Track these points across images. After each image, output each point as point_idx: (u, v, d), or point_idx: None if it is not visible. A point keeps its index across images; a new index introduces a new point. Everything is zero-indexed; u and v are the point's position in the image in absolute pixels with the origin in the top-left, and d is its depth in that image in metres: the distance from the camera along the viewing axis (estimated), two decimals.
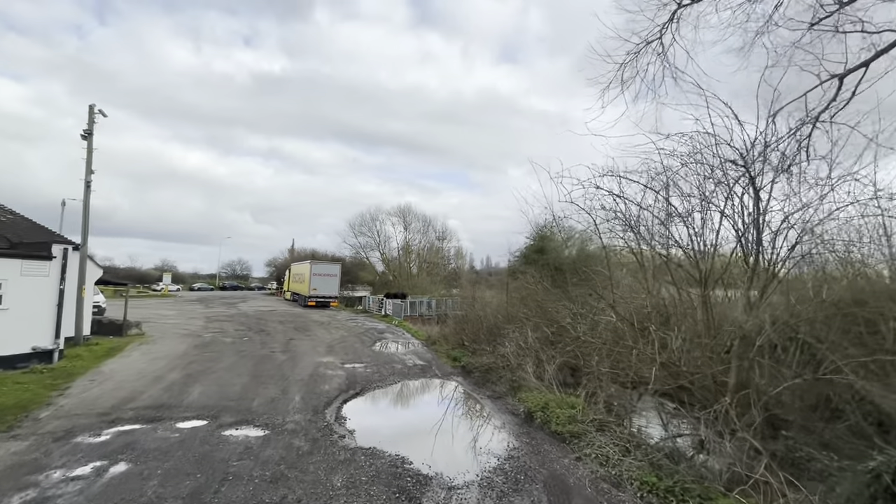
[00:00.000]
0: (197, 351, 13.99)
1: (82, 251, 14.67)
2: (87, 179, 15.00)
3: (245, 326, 21.17)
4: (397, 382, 10.86)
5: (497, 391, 9.65)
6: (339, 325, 23.30)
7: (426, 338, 18.50)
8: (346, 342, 17.09)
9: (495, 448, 6.63)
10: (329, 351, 14.83)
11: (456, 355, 13.61)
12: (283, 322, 23.74)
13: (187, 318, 24.13)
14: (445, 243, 63.79)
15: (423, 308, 31.32)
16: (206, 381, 10.05)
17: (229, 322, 23.04)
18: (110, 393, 8.96)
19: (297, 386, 9.90)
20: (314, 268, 36.07)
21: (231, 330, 19.70)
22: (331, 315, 29.80)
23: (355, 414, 8.27)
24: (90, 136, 15.06)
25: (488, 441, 6.98)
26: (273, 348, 14.92)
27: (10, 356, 11.00)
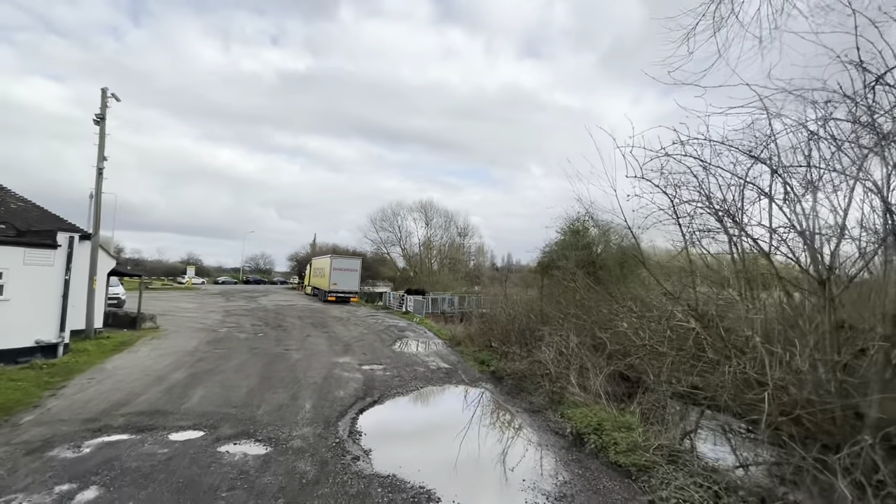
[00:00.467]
0: (208, 347, 13.21)
1: (94, 241, 14.09)
2: (100, 166, 14.40)
3: (262, 321, 20.48)
4: (420, 389, 9.73)
5: (535, 403, 8.39)
6: (359, 322, 22.40)
7: (450, 337, 17.35)
8: (364, 340, 16.10)
9: (542, 481, 5.40)
10: (346, 350, 13.84)
11: (484, 358, 12.40)
12: (301, 317, 23.01)
13: (206, 312, 23.68)
14: (467, 240, 62.53)
15: (444, 305, 30.21)
16: (211, 383, 9.14)
17: (247, 317, 22.44)
18: (106, 394, 8.13)
19: (309, 391, 8.89)
20: (334, 262, 35.41)
21: (247, 325, 19.01)
22: (350, 311, 29.02)
23: (372, 428, 7.17)
24: (102, 121, 14.45)
25: (532, 470, 5.75)
26: (288, 346, 14.03)
27: (12, 350, 10.38)
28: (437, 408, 8.83)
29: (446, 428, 7.42)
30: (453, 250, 61.68)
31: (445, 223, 60.52)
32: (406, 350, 14.68)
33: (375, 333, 18.32)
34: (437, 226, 60.31)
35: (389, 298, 34.72)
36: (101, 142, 14.43)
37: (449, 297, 31.19)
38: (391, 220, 60.36)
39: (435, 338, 17.98)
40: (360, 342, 15.63)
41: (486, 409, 8.65)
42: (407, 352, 14.29)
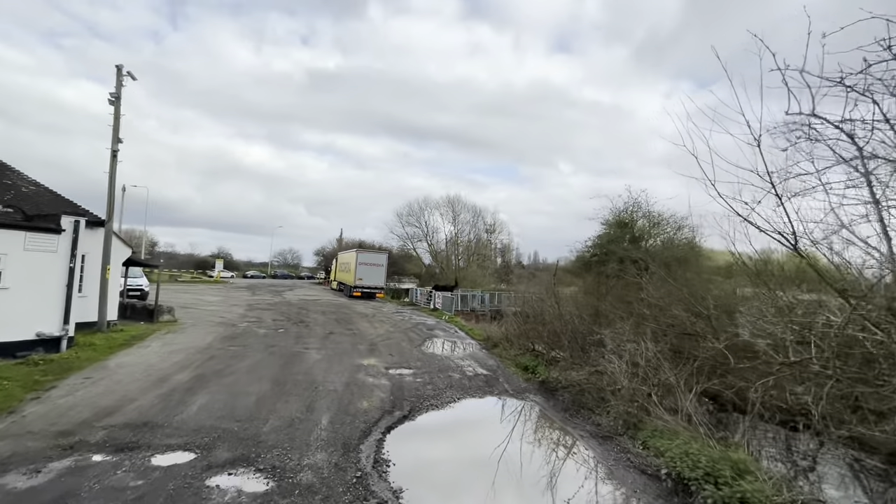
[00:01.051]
0: (222, 344, 12.11)
1: (107, 228, 13.25)
2: (114, 148, 13.55)
3: (284, 316, 19.47)
4: (457, 401, 8.22)
5: (603, 426, 6.74)
6: (385, 319, 21.12)
7: (484, 338, 15.79)
8: (391, 339, 14.74)
9: None
10: (371, 350, 12.49)
11: (527, 364, 10.78)
12: (324, 313, 21.93)
13: (229, 306, 22.94)
14: (494, 236, 60.61)
15: (475, 303, 28.64)
16: (217, 387, 7.91)
17: (269, 311, 21.53)
18: (95, 399, 6.99)
19: (328, 400, 7.52)
20: (360, 257, 34.37)
21: (269, 320, 18.00)
22: (376, 307, 27.85)
23: (403, 455, 5.70)
24: (117, 100, 13.59)
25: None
26: (308, 344, 12.80)
27: (10, 343, 9.48)
28: (482, 428, 7.29)
29: (496, 458, 5.88)
30: (480, 246, 59.96)
31: (473, 219, 58.85)
32: (437, 351, 13.21)
33: (403, 332, 16.95)
34: (464, 221, 58.72)
35: (416, 295, 33.43)
36: (115, 123, 13.57)
37: (479, 294, 29.59)
38: (418, 216, 59.14)
39: (467, 338, 16.45)
40: (387, 342, 14.27)
41: (543, 431, 7.07)
42: (438, 354, 12.81)
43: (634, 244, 18.64)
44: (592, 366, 8.31)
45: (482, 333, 17.13)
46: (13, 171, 12.68)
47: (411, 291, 36.02)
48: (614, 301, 10.91)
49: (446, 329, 18.85)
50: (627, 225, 18.79)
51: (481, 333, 17.17)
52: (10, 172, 12.56)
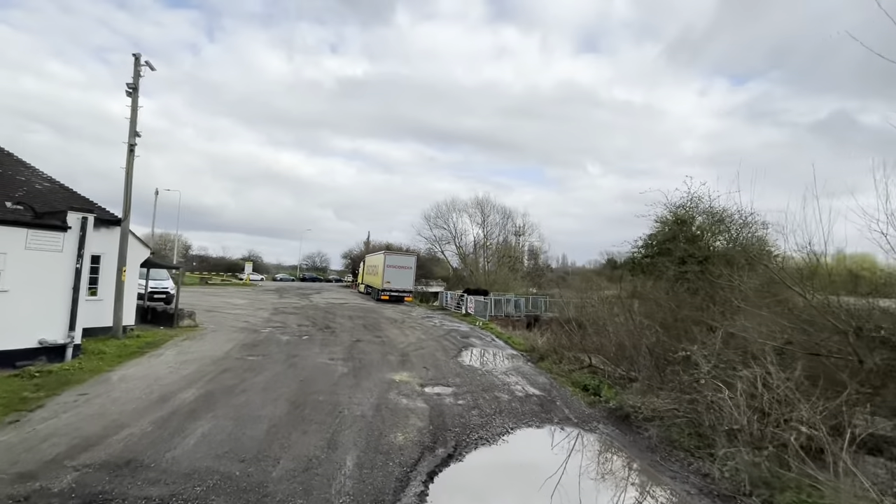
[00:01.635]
0: (241, 353, 10.99)
1: (123, 227, 12.42)
2: (131, 142, 12.73)
3: (310, 321, 18.39)
4: (511, 431, 6.67)
5: (716, 480, 5.04)
6: (415, 325, 19.76)
7: (527, 348, 14.15)
8: (424, 349, 13.32)
9: None
10: (403, 362, 11.10)
11: (586, 383, 9.11)
12: (352, 318, 20.77)
13: (254, 309, 22.15)
14: (523, 239, 58.54)
15: (508, 307, 26.95)
16: (225, 409, 6.67)
17: (295, 315, 20.55)
18: (81, 423, 5.85)
19: (355, 430, 6.13)
20: (388, 259, 33.28)
21: (293, 325, 16.95)
22: (405, 311, 26.57)
23: None
24: (135, 91, 12.77)
25: None
26: (333, 354, 11.54)
27: (10, 352, 8.58)
28: (549, 472, 5.70)
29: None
30: (508, 249, 58.05)
31: (502, 221, 57.03)
32: (476, 364, 11.68)
33: (435, 340, 15.51)
34: (493, 223, 56.98)
35: (446, 298, 32.00)
36: (132, 115, 12.76)
37: (514, 299, 27.86)
38: (446, 217, 57.89)
39: (507, 348, 14.84)
40: (419, 351, 12.86)
41: (632, 481, 5.43)
42: (478, 367, 11.28)
43: (692, 244, 16.58)
44: (682, 391, 6.59)
45: (523, 342, 15.49)
46: (28, 167, 12.02)
47: (441, 295, 34.64)
48: (695, 310, 9.10)
49: (482, 337, 17.29)
50: (686, 222, 16.76)
51: (522, 342, 15.54)
52: (25, 169, 11.90)
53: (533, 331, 20.88)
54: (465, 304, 26.08)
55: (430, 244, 59.75)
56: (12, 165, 11.73)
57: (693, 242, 16.32)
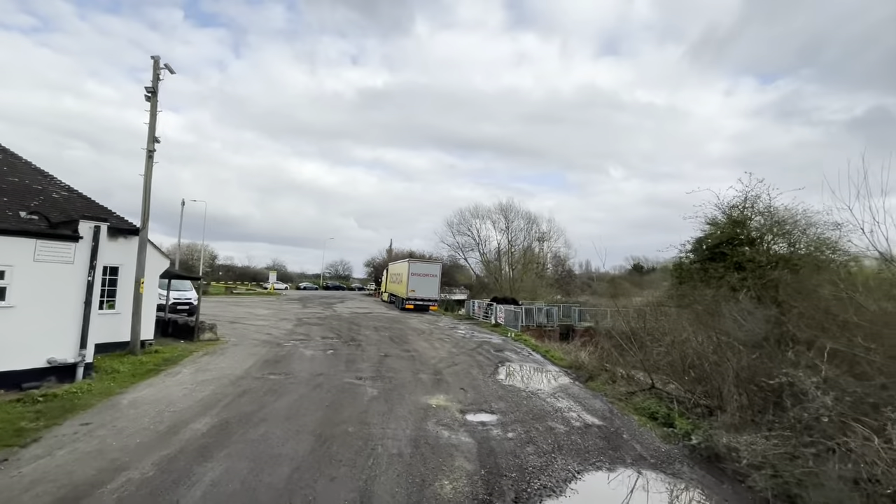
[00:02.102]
0: (262, 371, 10.14)
1: (142, 236, 11.84)
2: (150, 148, 12.20)
3: (334, 333, 17.56)
4: (578, 476, 5.49)
5: None
6: (444, 337, 18.69)
7: (570, 364, 12.86)
8: (457, 365, 12.22)
9: None
10: (437, 381, 10.03)
11: (653, 410, 7.82)
12: (377, 329, 19.86)
13: (277, 320, 21.51)
14: (548, 244, 56.82)
15: (540, 317, 25.57)
16: (241, 446, 5.73)
17: (319, 326, 19.78)
18: (74, 465, 4.99)
19: (391, 476, 5.08)
20: (412, 267, 32.40)
21: (317, 338, 16.13)
22: (431, 321, 25.55)
23: None
24: (154, 95, 12.27)
25: None
26: (360, 372, 10.57)
27: (16, 373, 7.94)
28: None
29: None
30: (534, 255, 56.49)
31: (527, 226, 55.59)
32: (518, 384, 10.50)
33: (468, 354, 14.39)
34: (517, 229, 55.58)
35: (473, 307, 30.81)
36: (151, 120, 12.24)
37: (545, 308, 26.46)
38: (469, 224, 56.87)
39: (548, 364, 13.58)
40: (453, 368, 11.77)
41: None
42: (521, 387, 10.09)
43: (751, 247, 15.00)
44: (791, 430, 5.29)
45: (564, 357, 14.20)
46: (46, 175, 11.60)
47: (467, 304, 33.49)
48: (775, 325, 7.72)
49: (517, 350, 16.05)
50: (742, 224, 15.20)
51: (562, 357, 14.25)
52: (43, 178, 11.47)
53: (570, 343, 19.51)
54: (494, 314, 24.85)
55: (454, 251, 58.82)
56: (30, 174, 11.32)
57: (752, 246, 14.76)
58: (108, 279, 11.77)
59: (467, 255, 58.99)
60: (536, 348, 16.38)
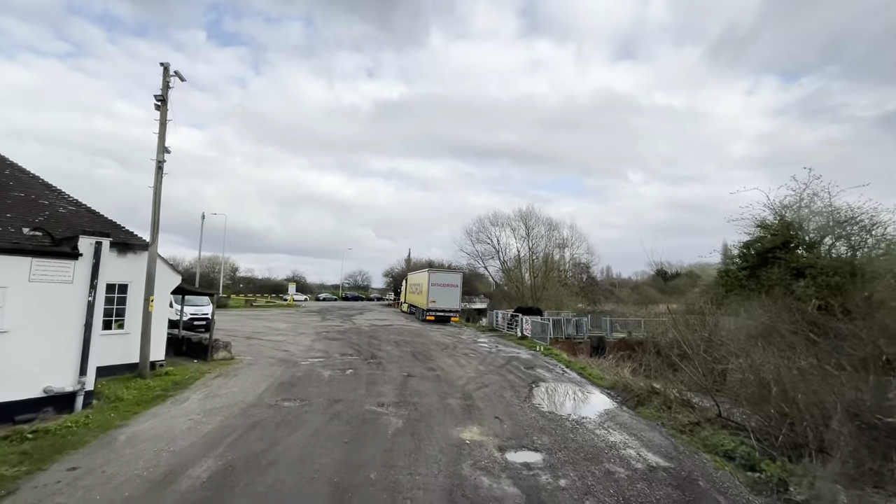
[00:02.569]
0: (275, 397, 9.28)
1: (151, 252, 11.22)
2: (160, 159, 11.64)
3: (354, 349, 16.69)
4: None
5: None
6: (468, 351, 17.62)
7: (612, 384, 11.62)
8: (487, 386, 11.15)
9: None
10: (468, 408, 8.98)
11: (728, 447, 6.61)
12: (398, 343, 18.92)
13: (296, 335, 20.80)
14: (569, 250, 55.18)
15: (569, 328, 24.22)
16: (243, 501, 4.81)
17: (338, 341, 18.97)
18: None
19: None
20: (433, 277, 31.46)
21: (336, 354, 15.27)
22: (453, 333, 24.49)
23: None
24: (164, 104, 11.74)
25: None
26: (382, 396, 9.61)
27: (9, 404, 7.24)
28: None
29: None
30: (555, 262, 54.91)
31: (548, 233, 54.16)
32: (559, 410, 9.34)
33: (497, 372, 13.29)
34: (537, 236, 54.21)
35: (496, 318, 29.60)
36: (161, 130, 11.70)
37: (574, 318, 25.09)
38: (489, 231, 55.77)
39: (587, 384, 12.35)
40: (483, 390, 10.70)
41: None
42: (563, 415, 8.94)
43: (809, 251, 13.54)
44: None
45: (603, 375, 12.95)
46: (53, 190, 11.13)
47: (490, 315, 32.31)
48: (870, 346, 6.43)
49: (549, 367, 14.85)
50: (798, 226, 13.74)
51: (601, 375, 13.00)
52: (50, 192, 11.00)
53: (604, 357, 18.17)
54: (519, 326, 23.61)
55: (473, 259, 57.77)
56: (37, 188, 10.84)
57: (810, 250, 13.30)
58: (118, 297, 11.18)
59: (487, 264, 57.83)
60: (570, 364, 15.14)
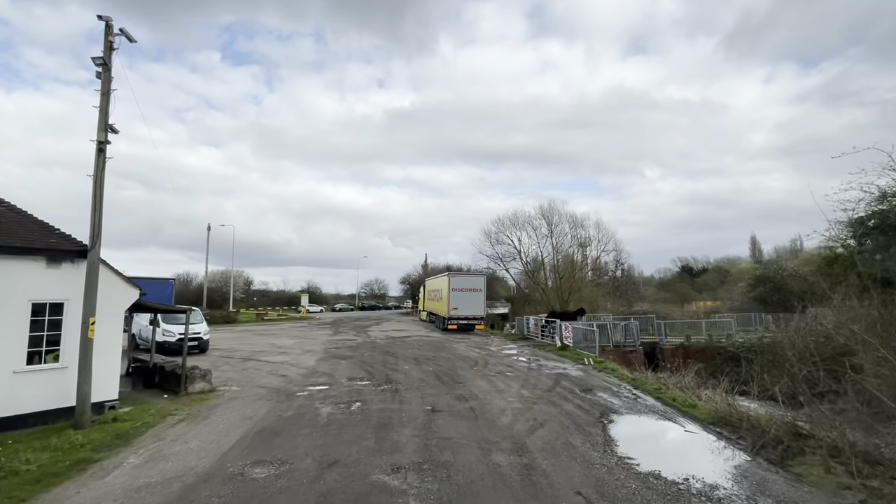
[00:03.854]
0: (244, 460, 6.40)
1: (91, 259, 8.53)
2: (101, 139, 8.96)
3: (365, 371, 13.81)
4: None
5: None
6: (503, 367, 14.54)
7: (715, 416, 8.34)
8: (543, 425, 8.08)
9: None
10: (526, 472, 5.93)
11: None
12: (418, 361, 15.97)
13: (301, 353, 18.06)
14: (596, 249, 51.33)
15: (616, 334, 20.83)
16: None
17: (348, 360, 16.13)
18: None
19: None
20: (453, 282, 28.47)
21: (343, 380, 12.41)
22: (480, 344, 21.41)
23: None
24: (106, 69, 9.11)
25: None
26: (398, 452, 6.64)
27: None
28: None
29: None
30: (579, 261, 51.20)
31: (572, 230, 50.51)
32: (667, 470, 6.18)
33: (549, 399, 10.18)
34: (561, 234, 50.60)
35: (527, 325, 26.33)
36: (103, 102, 9.06)
37: (621, 323, 21.66)
38: (509, 231, 52.49)
39: (676, 414, 9.08)
40: (539, 431, 7.63)
41: None
42: (678, 480, 5.79)
43: None
44: None
45: (692, 400, 9.69)
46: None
47: (519, 321, 29.06)
48: None
49: (612, 388, 11.63)
50: None
51: (690, 400, 9.74)
52: None
53: (666, 369, 14.80)
54: (559, 333, 20.32)
55: (493, 262, 54.43)
56: None
57: None
58: (50, 321, 8.54)
59: (508, 266, 54.42)
60: (637, 383, 11.90)
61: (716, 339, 20.52)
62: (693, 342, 20.26)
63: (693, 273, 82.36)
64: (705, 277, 76.22)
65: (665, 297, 53.35)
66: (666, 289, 62.39)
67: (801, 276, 37.53)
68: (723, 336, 20.79)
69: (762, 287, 38.46)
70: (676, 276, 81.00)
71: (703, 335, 20.75)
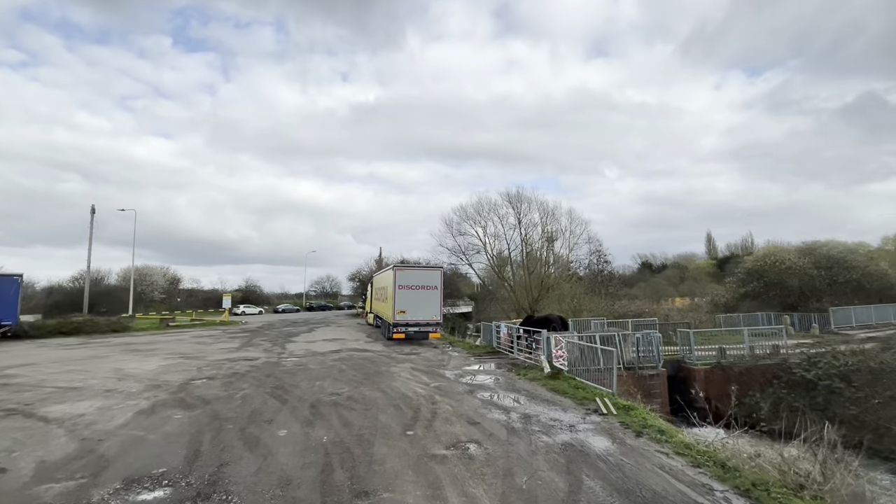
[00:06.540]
0: None
1: None
2: None
3: (191, 448, 6.81)
4: None
5: None
6: (464, 427, 7.98)
7: None
8: None
9: None
10: None
11: None
12: (315, 409, 9.12)
13: (124, 396, 10.76)
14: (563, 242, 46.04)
15: (627, 351, 14.70)
16: None
17: (189, 413, 9.06)
18: None
19: None
20: (400, 277, 21.75)
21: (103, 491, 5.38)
22: (433, 365, 14.82)
23: None
24: None
25: None
26: None
27: None
28: None
29: None
30: (550, 254, 45.88)
31: (543, 219, 44.98)
32: None
33: None
34: (530, 224, 44.95)
35: (496, 334, 19.85)
36: None
37: (634, 335, 15.48)
38: (473, 220, 46.33)
39: None
40: None
41: None
42: None
43: None
44: None
45: None
46: None
47: (486, 329, 22.66)
48: None
49: (698, 500, 5.29)
50: None
51: None
52: None
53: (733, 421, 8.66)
54: (545, 351, 13.96)
55: (455, 255, 48.12)
56: None
57: None
58: None
59: (472, 260, 48.24)
60: (753, 484, 5.59)
61: (756, 352, 15.05)
62: (731, 359, 14.64)
63: (653, 269, 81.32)
64: (666, 273, 75.00)
65: (632, 294, 49.19)
66: (631, 285, 58.68)
67: (802, 270, 33.88)
68: (761, 348, 15.37)
69: (756, 282, 34.42)
70: (637, 272, 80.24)
71: (742, 346, 15.15)
